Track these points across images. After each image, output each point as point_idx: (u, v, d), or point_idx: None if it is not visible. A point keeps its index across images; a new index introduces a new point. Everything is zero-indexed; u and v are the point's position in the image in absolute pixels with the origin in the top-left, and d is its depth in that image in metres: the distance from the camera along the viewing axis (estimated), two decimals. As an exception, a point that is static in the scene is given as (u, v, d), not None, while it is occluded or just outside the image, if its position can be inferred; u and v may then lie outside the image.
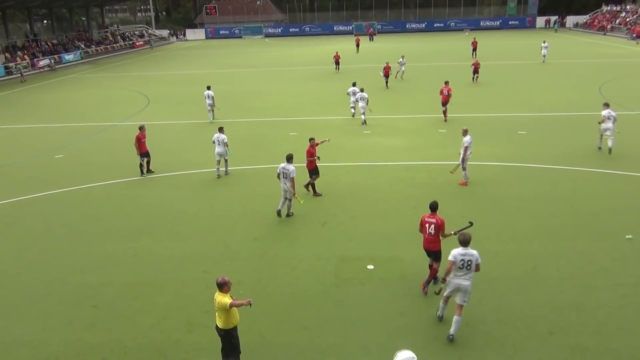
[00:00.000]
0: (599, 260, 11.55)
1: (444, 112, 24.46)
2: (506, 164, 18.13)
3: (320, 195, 15.78)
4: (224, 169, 18.03)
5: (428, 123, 24.03)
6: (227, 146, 17.56)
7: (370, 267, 11.56)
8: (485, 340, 9.11)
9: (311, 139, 15.97)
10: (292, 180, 13.88)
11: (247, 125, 25.22)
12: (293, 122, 25.35)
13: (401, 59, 37.09)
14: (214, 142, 17.64)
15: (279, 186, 14.29)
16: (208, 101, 25.82)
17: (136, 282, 11.42)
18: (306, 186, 15.96)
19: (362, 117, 24.17)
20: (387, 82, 33.93)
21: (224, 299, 7.97)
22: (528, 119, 24.43)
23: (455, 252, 9.00)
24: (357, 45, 58.26)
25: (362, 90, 24.51)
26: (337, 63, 42.67)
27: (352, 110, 25.49)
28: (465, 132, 16.11)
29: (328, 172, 17.14)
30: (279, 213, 14.37)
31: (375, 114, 24.95)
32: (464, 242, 9.03)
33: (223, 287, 8.06)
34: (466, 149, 15.85)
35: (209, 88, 26.11)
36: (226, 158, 17.78)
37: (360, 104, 24.09)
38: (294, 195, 14.16)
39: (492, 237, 12.82)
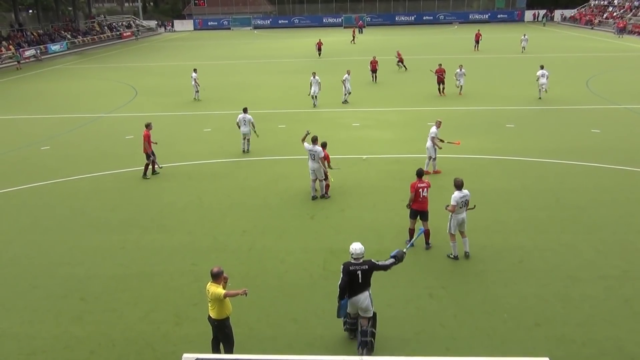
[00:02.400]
0: (584, 253, 11.68)
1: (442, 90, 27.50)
2: (494, 157, 18.25)
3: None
4: (246, 147, 19.34)
5: (417, 116, 24.08)
6: (253, 126, 18.97)
7: (359, 259, 11.59)
8: (472, 332, 9.20)
9: (323, 144, 15.08)
10: (321, 160, 14.53)
11: (233, 118, 24.93)
12: (282, 115, 25.30)
13: (459, 70, 28.70)
14: (238, 123, 18.92)
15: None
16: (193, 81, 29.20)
17: (124, 275, 11.37)
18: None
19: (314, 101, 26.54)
20: (374, 77, 33.64)
21: (218, 289, 7.94)
22: (516, 112, 24.58)
23: (456, 195, 11.14)
24: (354, 37, 58.99)
25: (314, 75, 26.34)
26: (319, 49, 47.27)
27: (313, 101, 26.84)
28: (438, 124, 16.88)
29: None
30: (314, 198, 14.96)
31: (365, 106, 24.97)
32: (460, 186, 11.18)
33: (218, 277, 8.01)
34: (432, 139, 16.48)
35: (195, 71, 29.39)
36: (249, 137, 19.20)
37: (314, 88, 26.11)
38: (327, 174, 14.84)
39: (479, 229, 12.91)
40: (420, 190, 11.69)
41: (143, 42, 70.62)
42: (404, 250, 8.85)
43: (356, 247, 8.40)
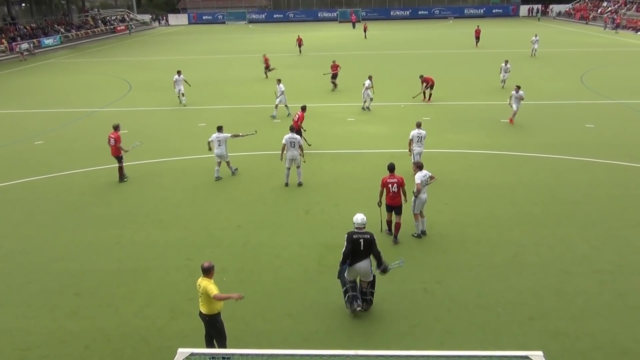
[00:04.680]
0: (578, 248, 11.74)
1: (426, 95, 25.86)
2: (489, 152, 18.28)
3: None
4: (230, 170, 16.69)
5: (412, 111, 24.07)
6: (235, 136, 16.74)
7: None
8: (467, 326, 9.24)
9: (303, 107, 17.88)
10: (301, 147, 15.38)
11: (229, 112, 25.07)
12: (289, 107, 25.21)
13: (504, 64, 28.90)
14: (210, 144, 16.17)
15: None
16: (178, 87, 26.60)
17: (119, 270, 11.35)
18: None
19: (274, 111, 23.79)
20: (334, 84, 29.58)
21: (210, 285, 7.94)
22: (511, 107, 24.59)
23: (420, 175, 11.82)
24: (365, 31, 58.26)
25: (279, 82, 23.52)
26: (299, 46, 45.52)
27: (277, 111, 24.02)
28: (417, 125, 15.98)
29: (312, 159, 17.10)
30: (286, 185, 15.64)
31: (360, 101, 24.93)
32: (421, 166, 11.99)
33: (209, 272, 8.03)
34: (410, 141, 15.69)
35: (179, 73, 26.59)
36: (227, 160, 16.44)
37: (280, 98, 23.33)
38: (303, 159, 15.65)
39: (474, 224, 12.95)
40: (390, 185, 11.73)
41: (137, 37, 70.25)
42: (390, 266, 9.46)
43: (359, 217, 9.34)
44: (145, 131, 21.98)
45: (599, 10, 71.50)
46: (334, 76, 29.46)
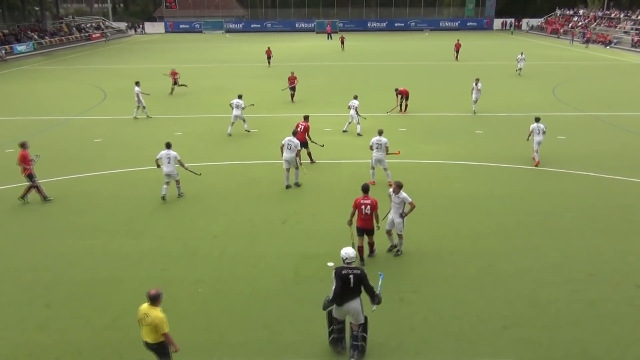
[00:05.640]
0: (550, 257, 11.93)
1: (402, 106, 25.87)
2: (463, 162, 18.51)
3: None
4: (177, 191, 15.67)
5: (389, 122, 24.26)
6: (182, 164, 15.30)
7: (331, 264, 11.59)
8: (442, 336, 9.29)
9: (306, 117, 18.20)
10: (298, 152, 15.76)
11: (205, 121, 24.94)
12: (253, 119, 25.12)
13: (475, 84, 26.09)
14: (158, 160, 15.20)
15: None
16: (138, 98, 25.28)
17: (91, 280, 11.14)
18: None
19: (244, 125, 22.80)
20: (292, 95, 29.21)
21: (161, 320, 7.51)
22: (485, 118, 24.98)
23: (405, 195, 11.41)
24: (342, 43, 56.75)
25: (240, 97, 22.54)
26: (268, 58, 43.74)
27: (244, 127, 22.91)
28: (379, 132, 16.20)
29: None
30: (287, 187, 16.09)
31: (337, 111, 25.04)
32: (400, 187, 11.43)
33: (157, 300, 7.62)
34: (371, 147, 15.94)
35: (137, 84, 25.49)
36: (177, 179, 15.50)
37: (235, 112, 22.22)
38: (301, 164, 16.09)
39: (449, 234, 13.07)
40: (363, 207, 11.15)
41: (113, 44, 69.52)
42: (380, 293, 8.77)
43: (348, 251, 8.51)
44: (119, 140, 21.73)
45: (570, 25, 73.28)
46: (293, 88, 29.08)
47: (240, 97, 22.22)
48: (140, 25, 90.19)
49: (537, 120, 18.22)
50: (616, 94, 31.37)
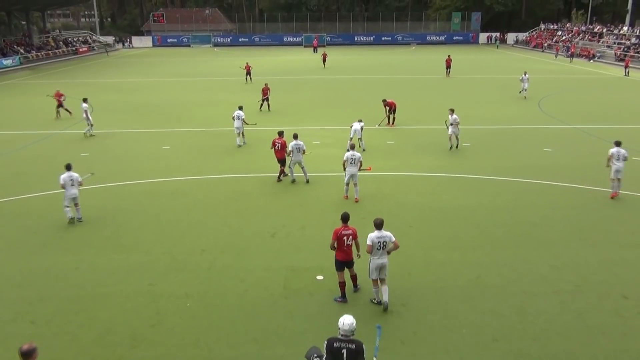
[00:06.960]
0: (538, 268, 11.99)
1: (390, 119, 26.09)
2: (451, 175, 18.61)
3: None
4: (76, 215, 14.82)
5: (376, 135, 24.39)
6: (80, 185, 14.67)
7: (320, 277, 11.57)
8: (432, 348, 9.27)
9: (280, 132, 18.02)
10: (303, 152, 17.40)
11: (192, 135, 24.89)
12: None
13: (450, 115, 21.73)
14: (62, 184, 14.43)
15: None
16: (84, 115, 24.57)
17: (77, 296, 10.99)
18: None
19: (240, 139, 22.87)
20: (266, 105, 29.95)
21: None
22: (471, 131, 25.12)
23: (372, 236, 9.99)
24: (324, 61, 53.73)
25: (240, 108, 22.86)
26: (248, 73, 42.31)
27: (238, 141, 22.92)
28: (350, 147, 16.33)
29: (277, 183, 17.07)
30: (293, 181, 17.70)
31: (325, 124, 25.12)
32: (379, 225, 10.01)
33: (30, 356, 6.58)
34: (344, 162, 15.77)
35: (85, 101, 24.77)
36: (77, 202, 14.67)
37: (236, 123, 22.46)
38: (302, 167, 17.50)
39: (438, 246, 13.10)
40: (345, 238, 10.22)
41: (100, 59, 69.30)
42: (378, 348, 7.72)
43: (347, 321, 6.96)
44: (106, 153, 21.60)
45: (554, 39, 74.41)
46: (266, 99, 30.01)
47: (240, 108, 22.68)
48: (128, 40, 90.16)
49: (618, 144, 15.75)
50: (600, 106, 31.83)
